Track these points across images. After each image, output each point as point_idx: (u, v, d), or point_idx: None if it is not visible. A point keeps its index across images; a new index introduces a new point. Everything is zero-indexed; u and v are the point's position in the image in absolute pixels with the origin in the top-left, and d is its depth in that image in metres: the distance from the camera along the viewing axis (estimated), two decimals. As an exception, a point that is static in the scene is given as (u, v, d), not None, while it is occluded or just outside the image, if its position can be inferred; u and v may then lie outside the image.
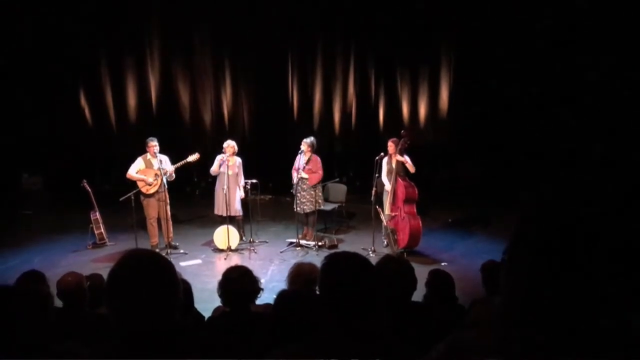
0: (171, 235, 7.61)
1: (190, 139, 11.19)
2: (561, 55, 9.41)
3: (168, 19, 11.13)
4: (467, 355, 0.89)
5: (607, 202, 0.63)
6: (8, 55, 10.08)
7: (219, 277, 3.18)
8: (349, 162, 11.63)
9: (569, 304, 0.62)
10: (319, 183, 7.79)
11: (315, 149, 7.75)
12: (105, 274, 1.51)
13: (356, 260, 1.65)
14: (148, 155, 7.39)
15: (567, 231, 0.65)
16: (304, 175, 7.66)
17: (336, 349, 1.49)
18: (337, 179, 8.68)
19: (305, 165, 7.65)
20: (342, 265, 1.63)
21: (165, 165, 7.42)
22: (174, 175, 7.52)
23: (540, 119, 9.76)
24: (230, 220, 7.56)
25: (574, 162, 8.26)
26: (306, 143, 7.66)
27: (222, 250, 7.56)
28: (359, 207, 9.33)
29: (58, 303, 3.14)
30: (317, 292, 1.69)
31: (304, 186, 7.72)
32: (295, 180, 7.66)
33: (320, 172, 7.73)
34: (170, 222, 7.59)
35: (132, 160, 7.47)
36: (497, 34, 10.07)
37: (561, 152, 8.86)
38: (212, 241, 7.71)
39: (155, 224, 7.50)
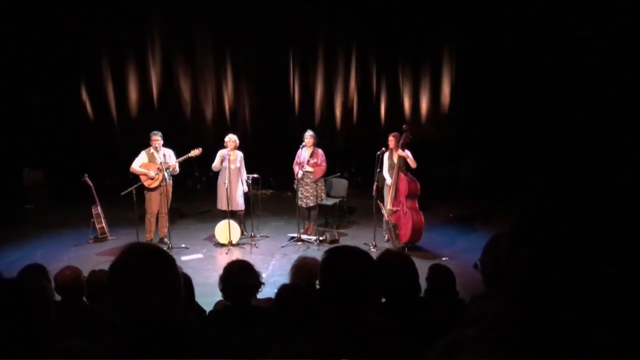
0: (165, 230, 7.56)
1: (191, 134, 11.20)
2: (566, 48, 9.33)
3: (169, 13, 11.10)
4: (466, 355, 0.89)
5: (606, 203, 0.63)
6: (9, 50, 10.05)
7: (220, 272, 3.19)
8: (351, 157, 11.62)
9: (567, 304, 0.62)
10: (322, 177, 7.79)
11: (316, 142, 7.76)
12: (106, 268, 1.52)
13: (357, 254, 1.65)
14: (151, 149, 7.39)
15: (564, 231, 0.65)
16: (309, 169, 7.66)
17: (336, 345, 1.48)
18: (339, 174, 8.67)
19: (309, 158, 7.65)
20: (342, 259, 1.63)
21: (169, 159, 7.43)
22: (177, 169, 7.52)
23: (544, 114, 9.71)
24: (231, 214, 7.56)
25: (577, 161, 8.21)
26: (308, 136, 7.66)
27: (223, 245, 7.56)
28: (360, 202, 9.32)
29: (56, 297, 3.15)
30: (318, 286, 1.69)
31: (307, 180, 7.72)
32: (298, 174, 7.66)
33: (325, 165, 7.74)
34: (166, 218, 7.52)
35: (134, 154, 7.47)
36: (500, 28, 10.01)
37: (565, 149, 8.81)
38: (213, 236, 7.72)
39: (153, 220, 7.49)
